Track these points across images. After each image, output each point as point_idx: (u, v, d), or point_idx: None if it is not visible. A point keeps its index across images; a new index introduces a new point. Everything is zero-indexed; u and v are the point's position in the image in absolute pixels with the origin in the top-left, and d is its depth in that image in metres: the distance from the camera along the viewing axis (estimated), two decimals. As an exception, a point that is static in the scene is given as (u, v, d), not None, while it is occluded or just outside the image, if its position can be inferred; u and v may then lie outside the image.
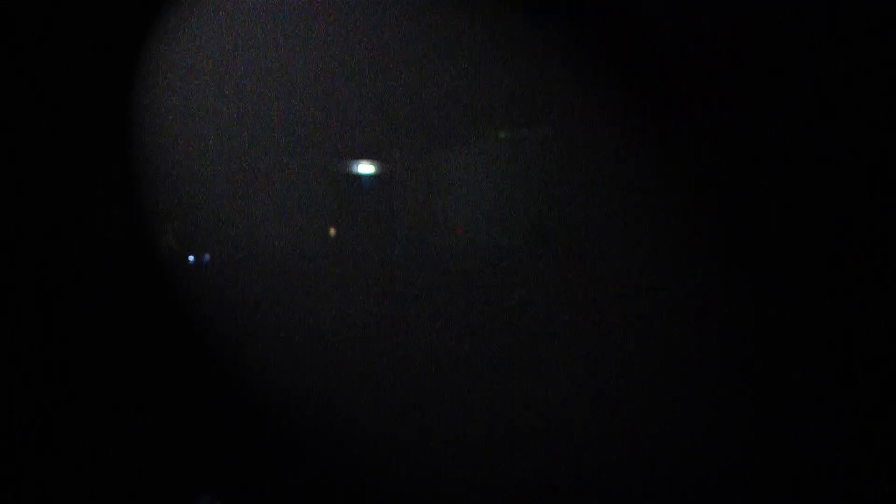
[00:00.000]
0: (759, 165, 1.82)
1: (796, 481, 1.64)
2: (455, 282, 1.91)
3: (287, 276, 1.99)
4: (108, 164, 2.05)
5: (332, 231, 1.95)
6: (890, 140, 1.73)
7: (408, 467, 1.85)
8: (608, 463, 1.76)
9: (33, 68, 2.02)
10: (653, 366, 1.83)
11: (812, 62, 1.78)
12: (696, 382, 1.80)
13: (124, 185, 2.02)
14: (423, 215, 1.95)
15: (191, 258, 2.02)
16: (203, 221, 2.04)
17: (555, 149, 1.85)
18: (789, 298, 1.76)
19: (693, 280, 1.75)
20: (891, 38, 1.69)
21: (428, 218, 1.95)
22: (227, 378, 1.99)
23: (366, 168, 1.97)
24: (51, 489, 1.87)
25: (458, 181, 1.94)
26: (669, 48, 1.78)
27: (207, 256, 2.04)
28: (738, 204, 1.81)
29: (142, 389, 2.00)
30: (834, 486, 1.59)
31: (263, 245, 2.03)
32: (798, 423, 1.68)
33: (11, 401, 1.90)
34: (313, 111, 1.96)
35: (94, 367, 1.97)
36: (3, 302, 1.92)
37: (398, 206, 1.96)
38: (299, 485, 1.85)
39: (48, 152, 2.03)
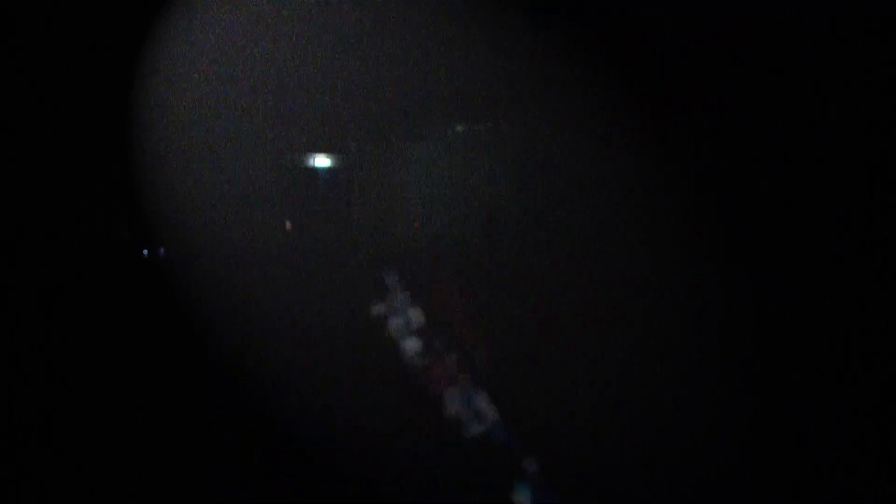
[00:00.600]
0: (756, 165, 1.81)
1: (796, 481, 1.64)
2: (414, 274, 1.90)
3: (246, 270, 1.98)
4: (108, 164, 2.05)
5: (288, 225, 1.93)
6: (890, 140, 1.73)
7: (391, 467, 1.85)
8: (606, 463, 1.76)
9: (33, 68, 2.02)
10: (626, 364, 1.82)
11: (812, 62, 1.78)
12: (684, 383, 1.79)
13: (124, 184, 2.02)
14: (380, 208, 1.93)
15: (145, 252, 2.01)
16: (160, 215, 2.03)
17: (511, 143, 1.84)
18: (788, 298, 1.75)
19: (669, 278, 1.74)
20: (891, 38, 1.69)
21: (385, 211, 1.93)
22: (222, 377, 1.99)
23: (322, 161, 1.95)
24: (51, 489, 1.87)
25: (416, 174, 1.93)
26: (637, 43, 1.77)
27: (163, 250, 2.03)
28: (716, 199, 1.80)
29: (141, 389, 1.99)
30: (834, 487, 1.59)
31: (221, 239, 2.02)
32: (798, 423, 1.68)
33: (11, 401, 1.90)
34: (269, 104, 1.95)
35: (93, 366, 1.97)
36: (3, 302, 1.92)
37: (355, 199, 1.94)
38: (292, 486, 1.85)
39: (48, 152, 2.03)
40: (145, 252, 2.02)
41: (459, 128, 1.85)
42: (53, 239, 1.99)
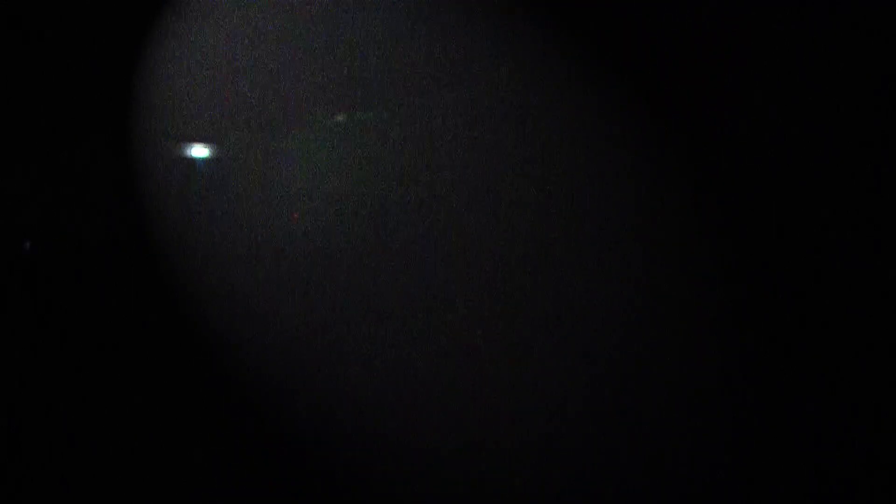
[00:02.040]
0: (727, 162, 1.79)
1: (796, 482, 1.62)
2: (292, 268, 1.87)
3: (118, 265, 1.96)
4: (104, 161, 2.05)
5: (170, 217, 1.89)
6: (890, 140, 1.72)
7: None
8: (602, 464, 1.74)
9: (33, 66, 2.02)
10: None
11: (812, 62, 1.77)
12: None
13: (121, 181, 2.01)
14: (259, 200, 1.89)
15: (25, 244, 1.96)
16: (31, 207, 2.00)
17: (394, 134, 1.81)
18: (788, 298, 1.74)
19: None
20: (891, 38, 1.68)
21: (265, 203, 1.89)
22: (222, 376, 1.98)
23: (200, 152, 1.91)
24: (48, 489, 1.85)
25: (296, 165, 1.89)
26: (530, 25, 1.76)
27: (28, 243, 2.00)
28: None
29: (138, 388, 1.98)
30: (834, 487, 1.58)
31: (92, 232, 2.00)
32: (798, 424, 1.67)
33: (10, 401, 1.90)
34: (145, 92, 1.93)
35: (90, 366, 1.97)
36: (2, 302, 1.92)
37: (234, 190, 1.90)
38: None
39: (48, 151, 2.03)
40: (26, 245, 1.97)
41: (340, 117, 1.81)
42: (49, 236, 1.99)
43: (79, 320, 1.95)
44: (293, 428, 1.85)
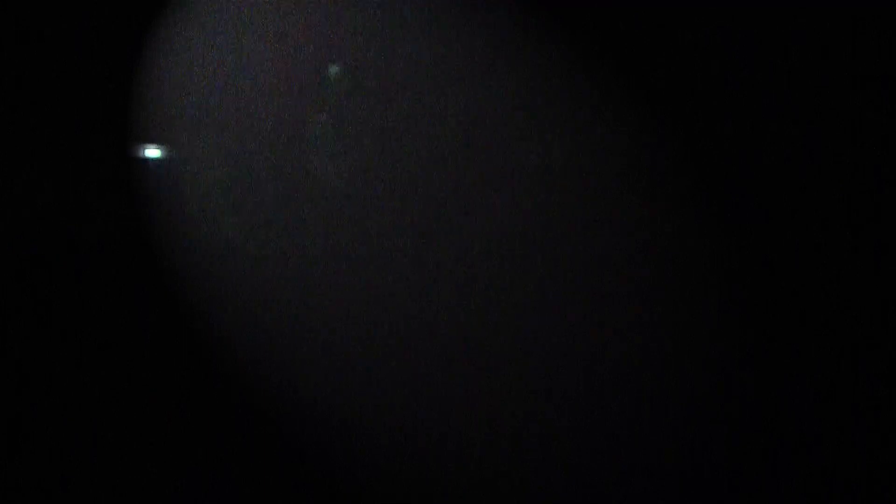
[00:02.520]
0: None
1: (795, 481, 1.63)
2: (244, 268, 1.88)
3: (74, 269, 1.96)
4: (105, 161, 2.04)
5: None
6: (890, 140, 1.72)
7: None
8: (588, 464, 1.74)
9: (33, 65, 2.02)
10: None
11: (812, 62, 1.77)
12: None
13: (122, 180, 2.01)
14: (214, 200, 1.89)
15: None
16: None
17: (343, 135, 1.83)
18: (787, 300, 1.75)
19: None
20: (892, 39, 1.69)
21: (219, 202, 1.89)
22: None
23: (153, 152, 1.91)
24: (47, 489, 1.84)
25: (251, 167, 1.90)
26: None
27: None
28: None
29: (138, 388, 1.98)
30: (834, 488, 1.58)
31: (49, 235, 1.99)
32: (797, 424, 1.67)
33: (9, 401, 1.90)
34: (100, 91, 1.92)
35: (89, 366, 1.96)
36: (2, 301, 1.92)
37: (187, 190, 1.90)
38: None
39: (48, 151, 2.03)
40: None
41: (289, 118, 1.82)
42: (50, 236, 1.99)
43: (57, 318, 1.96)
44: (274, 427, 1.86)
